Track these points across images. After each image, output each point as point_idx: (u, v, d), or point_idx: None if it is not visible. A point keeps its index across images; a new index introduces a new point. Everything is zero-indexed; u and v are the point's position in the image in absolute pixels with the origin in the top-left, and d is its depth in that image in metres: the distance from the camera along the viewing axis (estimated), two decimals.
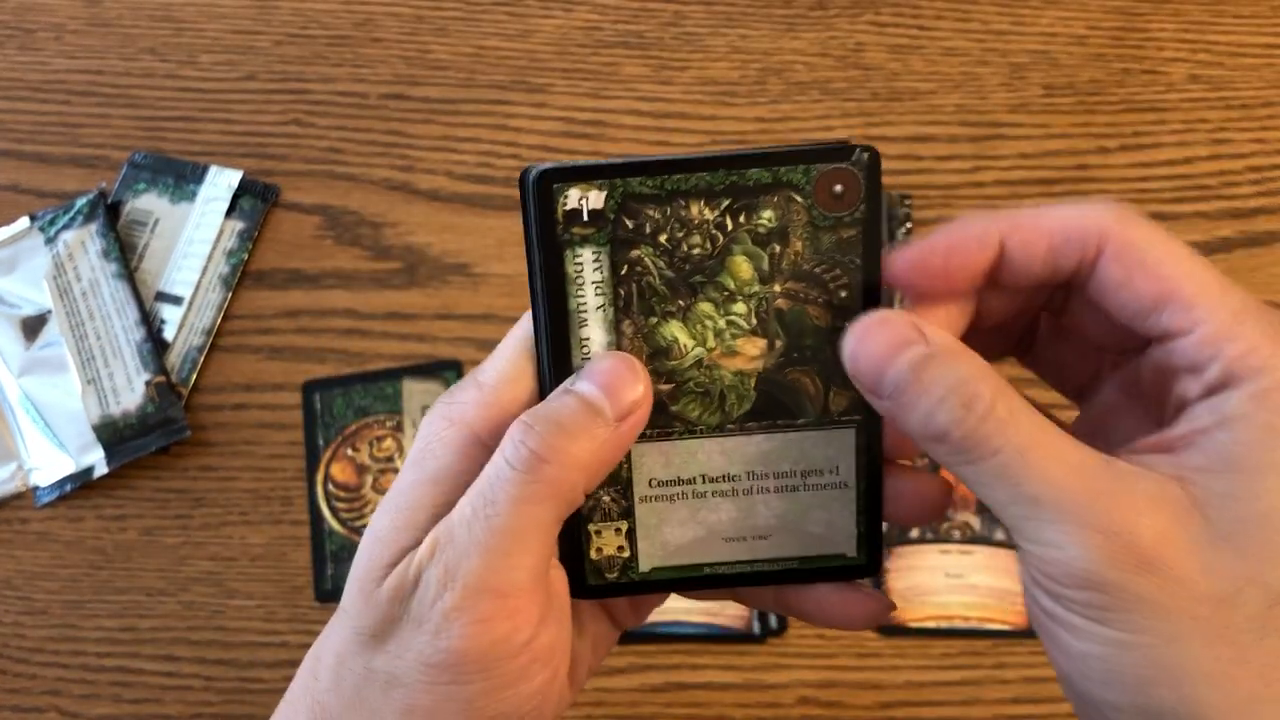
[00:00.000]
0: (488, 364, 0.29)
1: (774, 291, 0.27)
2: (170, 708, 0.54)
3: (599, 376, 0.27)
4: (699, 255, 0.27)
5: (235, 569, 0.55)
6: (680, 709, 0.53)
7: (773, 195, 0.27)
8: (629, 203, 0.27)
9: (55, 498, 0.56)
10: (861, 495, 0.29)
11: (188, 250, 0.60)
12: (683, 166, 0.26)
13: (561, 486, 0.26)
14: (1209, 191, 0.60)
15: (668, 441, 0.28)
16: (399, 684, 0.26)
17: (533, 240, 0.27)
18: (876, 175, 0.27)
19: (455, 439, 0.27)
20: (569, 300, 0.27)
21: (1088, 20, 0.62)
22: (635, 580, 0.29)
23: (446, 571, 0.25)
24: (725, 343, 0.28)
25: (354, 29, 0.63)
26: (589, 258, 0.27)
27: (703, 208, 0.27)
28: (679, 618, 0.54)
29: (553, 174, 0.26)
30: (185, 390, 0.57)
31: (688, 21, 0.63)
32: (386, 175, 0.61)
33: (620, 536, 0.29)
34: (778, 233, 0.27)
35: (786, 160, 0.26)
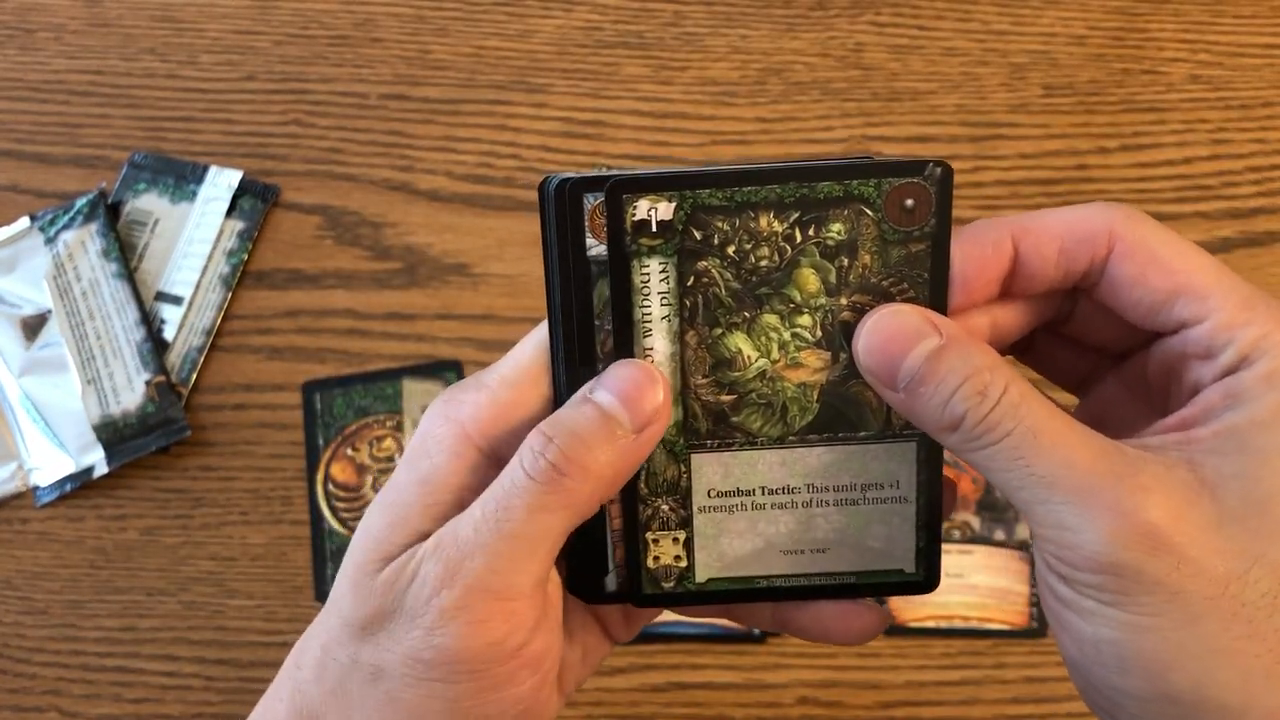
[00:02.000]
0: (497, 365, 0.28)
1: (840, 304, 0.27)
2: (170, 708, 0.54)
3: (617, 385, 0.27)
4: (766, 267, 0.27)
5: (235, 569, 0.55)
6: (680, 709, 0.53)
7: (843, 208, 0.26)
8: (698, 214, 0.26)
9: (55, 498, 0.56)
10: (922, 510, 0.29)
11: (188, 250, 0.60)
12: (753, 178, 0.26)
13: (577, 498, 0.26)
14: (1209, 191, 0.60)
15: (728, 452, 0.28)
16: (385, 677, 0.26)
17: (552, 245, 0.27)
18: (948, 190, 0.27)
19: (450, 440, 0.27)
20: (634, 310, 0.27)
21: (1088, 20, 0.62)
22: (691, 590, 0.29)
23: (447, 569, 0.25)
24: (789, 355, 0.28)
25: (354, 29, 0.63)
26: (655, 268, 0.27)
27: (772, 220, 0.27)
28: (679, 618, 0.54)
29: (623, 184, 0.26)
30: (185, 390, 0.57)
31: (688, 21, 0.63)
32: (386, 175, 0.61)
33: (678, 546, 0.29)
34: (846, 246, 0.27)
35: (858, 174, 0.26)
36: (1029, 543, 0.55)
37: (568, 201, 0.27)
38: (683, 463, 0.28)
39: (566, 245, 0.27)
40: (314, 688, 0.27)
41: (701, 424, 0.28)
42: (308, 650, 0.28)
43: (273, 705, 0.28)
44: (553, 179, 0.27)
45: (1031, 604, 0.54)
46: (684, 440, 0.28)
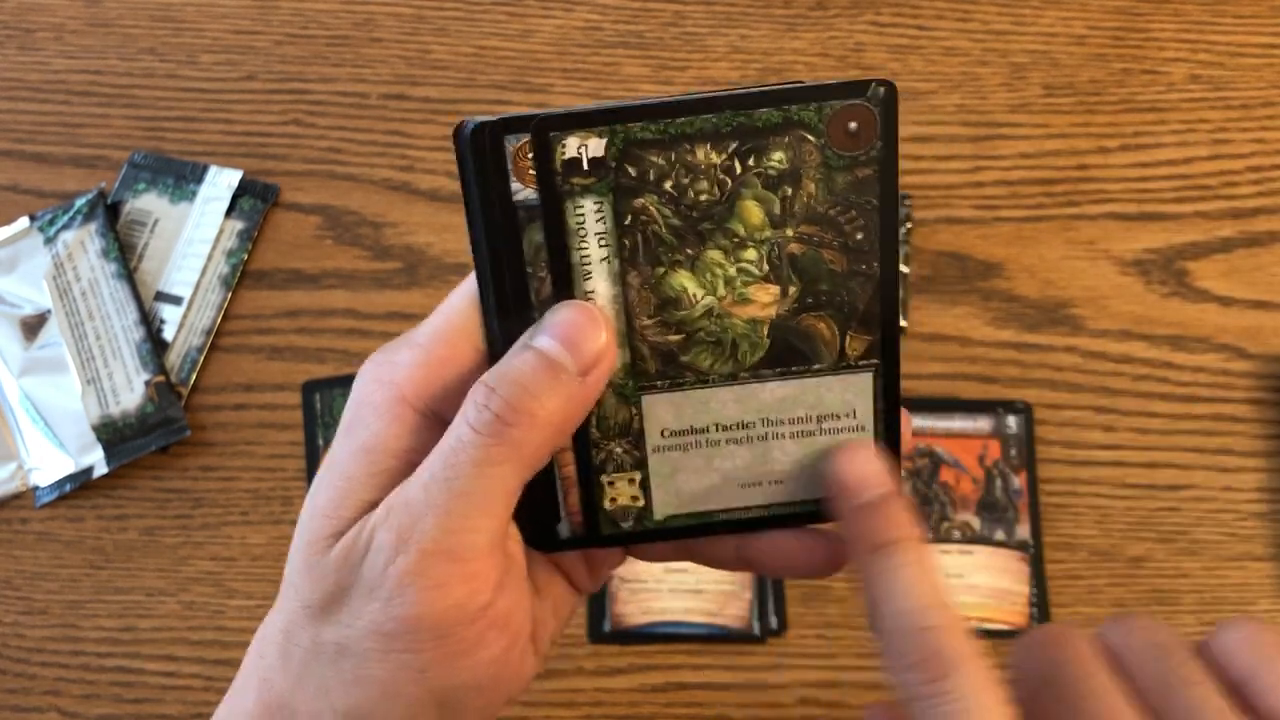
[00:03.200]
0: (425, 323, 0.27)
1: (786, 236, 0.26)
2: (170, 708, 0.54)
3: (558, 329, 0.26)
4: (706, 201, 0.26)
5: (235, 569, 0.55)
6: (680, 709, 0.53)
7: (783, 136, 0.25)
8: (631, 149, 0.25)
9: (55, 498, 0.56)
10: (880, 438, 0.28)
11: (187, 250, 0.60)
12: (686, 109, 0.25)
13: (526, 449, 0.25)
14: (1209, 191, 0.60)
15: (680, 392, 0.28)
16: (349, 654, 0.25)
17: (473, 193, 0.26)
18: (893, 111, 0.25)
19: (385, 402, 0.26)
20: (570, 254, 0.26)
21: (1088, 20, 0.62)
22: (650, 529, 0.29)
23: (399, 536, 0.25)
24: (736, 290, 0.27)
25: (354, 29, 0.63)
26: (590, 208, 0.26)
27: (709, 151, 0.26)
28: (679, 618, 0.54)
29: (550, 122, 0.25)
30: (185, 390, 0.57)
31: (688, 21, 0.63)
32: (386, 175, 0.61)
33: (634, 486, 0.29)
34: (789, 175, 0.26)
35: (798, 98, 0.25)
36: (1029, 543, 0.55)
37: (488, 145, 0.26)
38: (634, 404, 0.28)
39: (490, 191, 0.26)
40: (280, 675, 0.26)
41: (650, 365, 0.27)
42: (269, 638, 0.27)
43: (240, 699, 0.27)
44: (469, 122, 0.26)
45: (1032, 604, 0.54)
46: (633, 382, 0.28)
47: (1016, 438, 0.56)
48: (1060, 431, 0.56)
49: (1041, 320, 0.58)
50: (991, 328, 0.58)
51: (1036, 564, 0.54)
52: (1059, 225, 0.59)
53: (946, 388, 0.57)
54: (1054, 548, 0.55)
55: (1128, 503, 0.56)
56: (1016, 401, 0.56)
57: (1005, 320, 0.58)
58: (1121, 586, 0.55)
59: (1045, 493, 0.56)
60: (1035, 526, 0.55)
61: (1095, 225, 0.59)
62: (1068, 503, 0.56)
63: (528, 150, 0.26)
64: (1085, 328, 0.58)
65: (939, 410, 0.56)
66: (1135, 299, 0.58)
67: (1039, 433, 0.56)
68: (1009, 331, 0.58)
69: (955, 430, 0.56)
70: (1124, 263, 0.59)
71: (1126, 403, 0.57)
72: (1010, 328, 0.58)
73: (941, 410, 0.56)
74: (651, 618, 0.54)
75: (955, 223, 0.59)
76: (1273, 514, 0.55)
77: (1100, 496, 0.56)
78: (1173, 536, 0.55)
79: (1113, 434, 0.56)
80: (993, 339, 0.58)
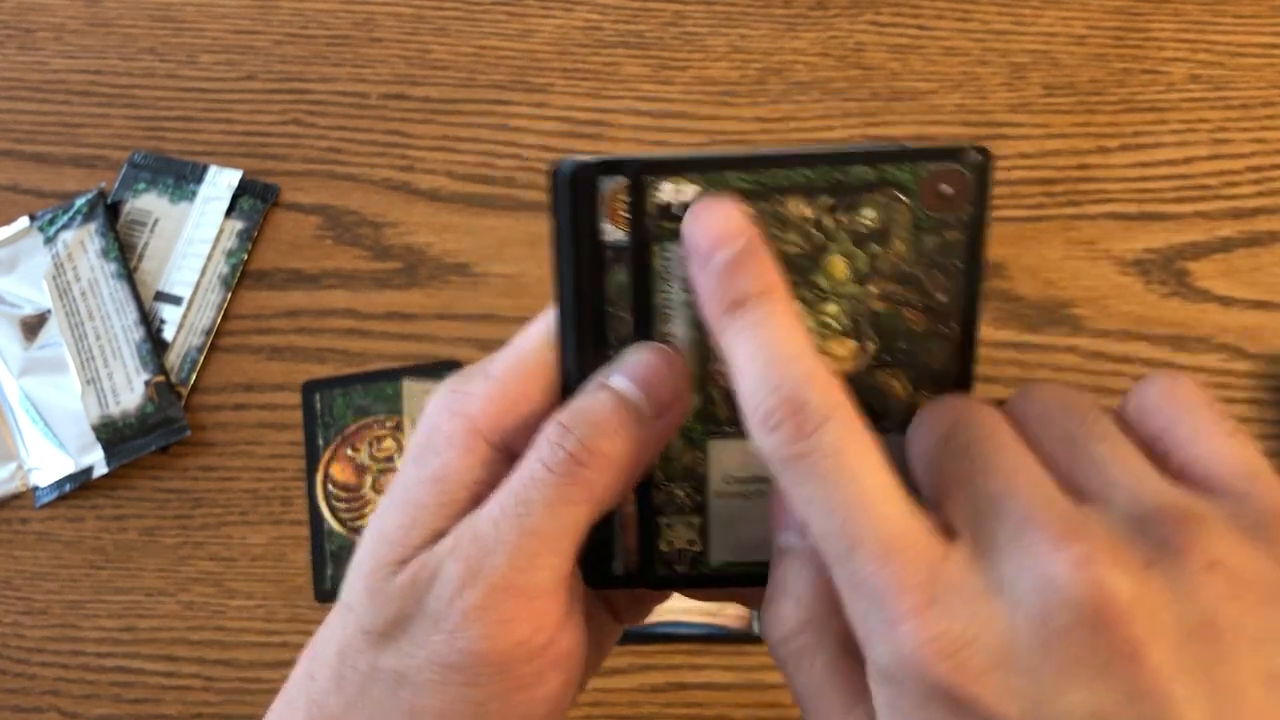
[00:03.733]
0: (500, 355, 0.27)
1: (870, 293, 0.26)
2: (170, 708, 0.54)
3: (634, 370, 0.26)
4: (794, 253, 0.26)
5: (235, 569, 0.55)
6: (680, 709, 0.53)
7: (876, 194, 0.26)
8: None
9: (55, 498, 0.56)
10: None
11: (187, 250, 0.60)
12: (783, 162, 0.25)
13: (597, 489, 0.25)
14: (1209, 191, 0.60)
15: (747, 440, 0.28)
16: (408, 683, 0.25)
17: (564, 231, 0.26)
18: (987, 177, 0.26)
19: (458, 434, 0.26)
20: (653, 296, 0.26)
21: (1088, 20, 0.62)
22: (704, 574, 0.29)
23: (469, 568, 0.25)
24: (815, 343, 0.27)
25: (354, 29, 0.63)
26: (677, 253, 0.26)
27: (801, 204, 0.26)
28: (679, 618, 0.54)
29: (648, 166, 0.25)
30: (185, 390, 0.57)
31: (688, 21, 0.63)
32: (386, 175, 0.61)
33: (692, 530, 0.28)
34: (878, 233, 0.26)
35: (894, 159, 0.25)
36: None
37: (584, 185, 0.26)
38: (700, 449, 0.28)
39: (580, 230, 0.26)
40: (333, 698, 0.26)
41: (721, 410, 0.27)
42: (321, 658, 0.27)
43: (288, 716, 0.27)
44: (566, 162, 0.26)
45: None
46: (702, 426, 0.28)
47: None
48: None
49: (1042, 320, 0.58)
50: (992, 328, 0.58)
51: None
52: (1059, 225, 0.59)
53: None
54: None
55: None
56: None
57: (1005, 320, 0.58)
58: None
59: None
60: None
61: (1095, 225, 0.59)
62: None
63: (622, 193, 0.26)
64: (1086, 328, 0.58)
65: None
66: (1135, 299, 0.58)
67: None
68: (1009, 331, 0.58)
69: None
70: (1124, 263, 0.59)
71: None
72: (1010, 328, 0.58)
73: None
74: (651, 617, 0.54)
75: None
76: None
77: None
78: None
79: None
80: (993, 339, 0.57)
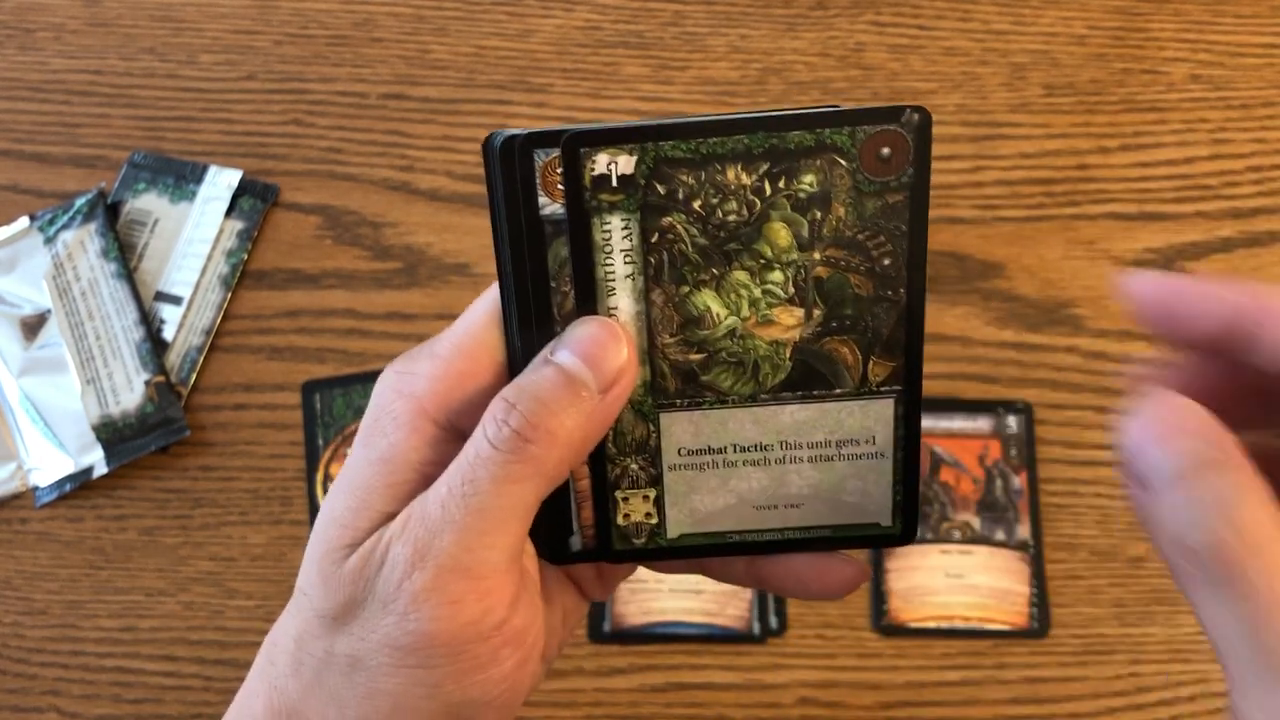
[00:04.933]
0: (445, 334, 0.27)
1: (814, 259, 0.26)
2: (170, 708, 0.54)
3: (579, 345, 0.26)
4: (735, 222, 0.26)
5: (235, 569, 0.55)
6: (680, 709, 0.53)
7: (815, 159, 0.25)
8: (661, 167, 0.25)
9: (55, 498, 0.56)
10: (899, 465, 0.28)
11: (187, 250, 0.59)
12: (719, 129, 0.25)
13: (545, 465, 0.25)
14: (1209, 191, 0.60)
15: (698, 411, 0.28)
16: (362, 667, 0.25)
17: (500, 205, 0.26)
18: (927, 137, 0.25)
19: (405, 414, 0.26)
20: (595, 269, 0.26)
21: (1088, 20, 0.62)
22: (663, 546, 0.29)
23: (417, 550, 0.24)
24: (760, 312, 0.27)
25: (354, 29, 0.63)
26: (618, 225, 0.26)
27: (740, 172, 0.25)
28: (679, 618, 0.54)
29: (581, 138, 0.25)
30: (185, 390, 0.57)
31: (688, 21, 0.63)
32: (386, 175, 0.61)
33: (648, 504, 0.28)
34: (819, 198, 0.26)
35: (831, 122, 0.25)
36: (1029, 543, 0.55)
37: (517, 158, 0.25)
38: (651, 422, 0.28)
39: (517, 204, 0.26)
40: (291, 683, 0.26)
41: (670, 383, 0.27)
42: (280, 645, 0.27)
43: (248, 704, 0.27)
44: (498, 135, 0.26)
45: (1032, 604, 0.54)
46: (652, 400, 0.27)
47: (1017, 438, 0.56)
48: (1061, 431, 0.56)
49: (1042, 320, 0.58)
50: (992, 328, 0.58)
51: (1037, 564, 0.54)
52: (1059, 225, 0.59)
53: (947, 388, 0.57)
54: (1054, 548, 0.55)
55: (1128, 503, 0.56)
56: (1017, 401, 0.56)
57: (1006, 320, 0.58)
58: (1122, 587, 0.55)
59: (1046, 493, 0.56)
60: (1035, 526, 0.55)
61: (1095, 225, 0.59)
62: (1068, 503, 0.56)
63: (557, 165, 0.26)
64: (1086, 328, 0.58)
65: (939, 410, 0.56)
66: None
67: (1039, 433, 0.56)
68: (1009, 331, 0.58)
69: (956, 430, 0.56)
70: (1124, 263, 0.58)
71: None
72: (1011, 328, 0.58)
73: (942, 410, 0.56)
74: (651, 618, 0.54)
75: (955, 223, 0.59)
76: None
77: (1101, 496, 0.56)
78: None
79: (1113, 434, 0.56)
80: (993, 339, 0.57)
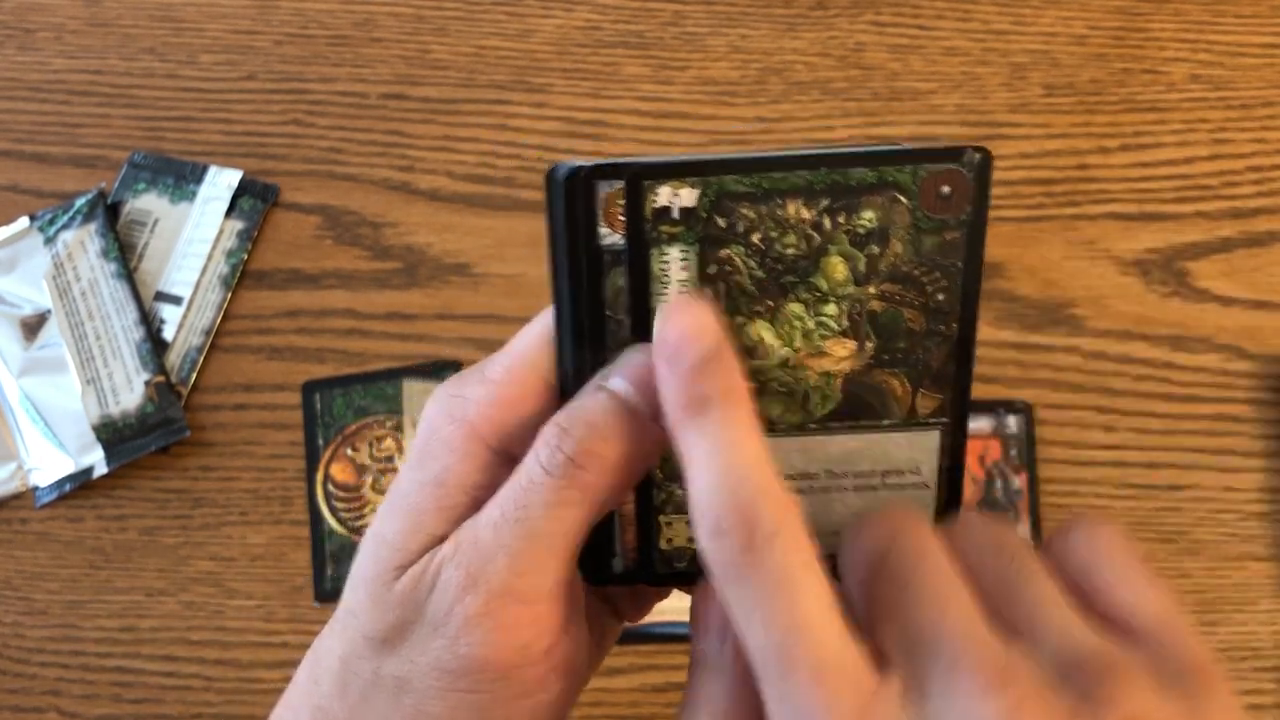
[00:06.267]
0: (497, 358, 0.27)
1: (869, 294, 0.26)
2: (170, 708, 0.54)
3: (632, 372, 0.26)
4: (792, 255, 0.26)
5: (235, 569, 0.55)
6: None
7: (875, 195, 0.26)
8: (723, 201, 0.26)
9: (55, 498, 0.56)
10: (941, 498, 0.28)
11: (187, 250, 0.59)
12: (782, 165, 0.25)
13: (597, 492, 0.25)
14: (1210, 191, 0.60)
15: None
16: (410, 689, 0.25)
17: (560, 234, 0.26)
18: (986, 178, 0.26)
19: (457, 438, 0.26)
20: (651, 299, 0.26)
21: (1088, 20, 0.62)
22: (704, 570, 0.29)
23: (469, 575, 0.24)
24: (813, 343, 0.27)
25: (354, 29, 0.63)
26: (676, 256, 0.26)
27: (800, 207, 0.26)
28: (679, 618, 0.54)
29: (645, 171, 0.26)
30: (185, 390, 0.57)
31: (688, 21, 0.63)
32: (386, 175, 0.61)
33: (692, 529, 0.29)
34: (878, 234, 0.26)
35: (893, 160, 0.26)
36: (1029, 543, 0.54)
37: (580, 190, 0.26)
38: None
39: (577, 235, 0.26)
40: (337, 704, 0.26)
41: None
42: (325, 664, 0.27)
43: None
44: (561, 166, 0.26)
45: None
46: None
47: (1017, 438, 0.56)
48: (1061, 432, 0.56)
49: (1042, 320, 0.58)
50: (992, 328, 0.58)
51: None
52: (1059, 225, 0.59)
53: None
54: None
55: (1128, 503, 0.56)
56: (1017, 401, 0.56)
57: (1006, 320, 0.58)
58: None
59: (1046, 493, 0.56)
60: (1035, 527, 0.55)
61: (1096, 225, 0.59)
62: (1068, 503, 0.56)
63: (619, 197, 0.26)
64: (1086, 328, 0.58)
65: None
66: (1136, 299, 0.58)
67: (1039, 433, 0.56)
68: (1009, 331, 0.58)
69: None
70: (1124, 263, 0.58)
71: (1127, 403, 0.57)
72: (1011, 328, 0.58)
73: None
74: (651, 618, 0.54)
75: None
76: (1273, 514, 0.55)
77: (1101, 497, 0.56)
78: (1173, 536, 0.55)
79: (1113, 434, 0.56)
80: (993, 339, 0.57)
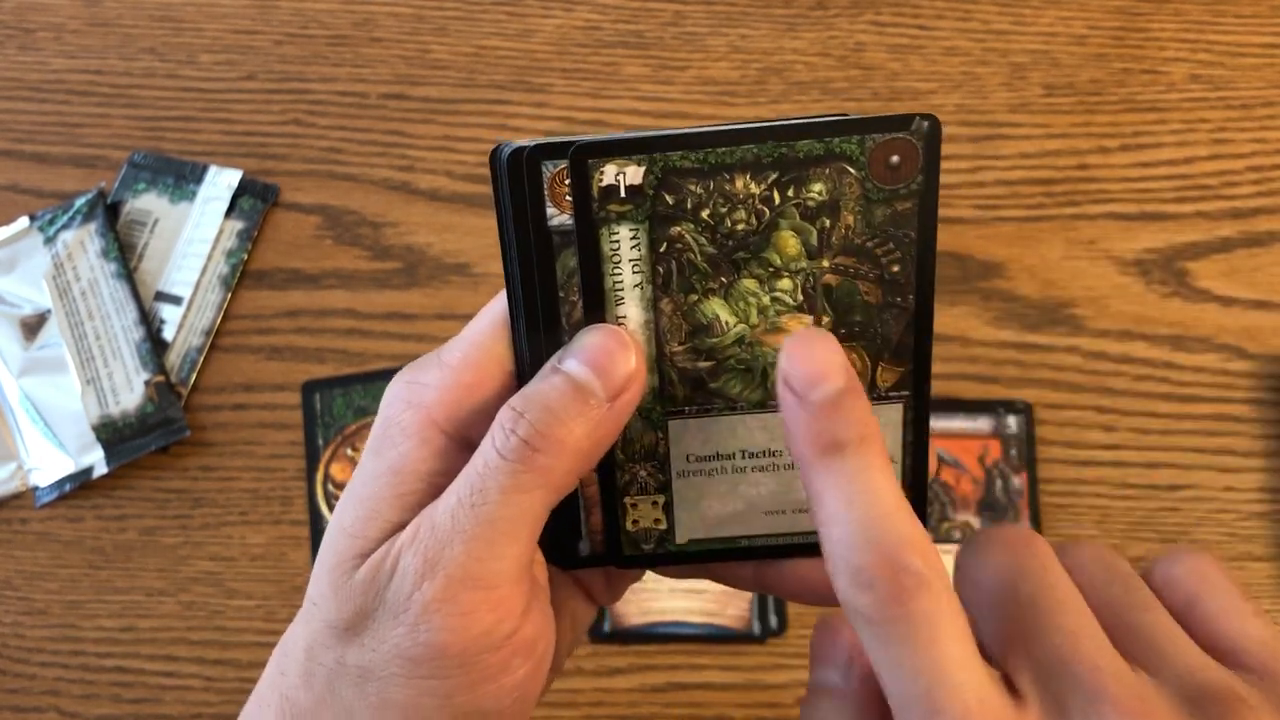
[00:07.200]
0: (453, 343, 0.27)
1: (822, 267, 0.26)
2: (170, 708, 0.54)
3: (587, 353, 0.26)
4: (743, 230, 0.26)
5: (235, 569, 0.55)
6: (680, 709, 0.53)
7: (824, 167, 0.25)
8: (669, 177, 0.25)
9: (55, 498, 0.56)
10: (907, 470, 0.28)
11: (187, 250, 0.59)
12: (727, 138, 0.25)
13: (554, 474, 0.25)
14: (1209, 191, 0.60)
15: (707, 418, 0.28)
16: (373, 678, 0.25)
17: (508, 217, 0.26)
18: (936, 145, 0.25)
19: (414, 424, 0.26)
20: (603, 279, 0.26)
21: (1088, 20, 0.62)
22: (672, 551, 0.29)
23: (426, 561, 0.24)
24: (769, 319, 0.27)
25: (354, 29, 0.63)
26: (626, 235, 0.26)
27: (748, 181, 0.25)
28: (679, 618, 0.54)
29: (588, 149, 0.25)
30: (185, 390, 0.57)
31: (688, 21, 0.63)
32: (386, 175, 0.61)
33: (657, 510, 0.28)
34: (828, 206, 0.26)
35: (840, 130, 0.25)
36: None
37: (525, 170, 0.25)
38: (660, 429, 0.28)
39: (525, 216, 0.26)
40: (302, 694, 0.26)
41: (679, 390, 0.27)
42: (291, 655, 0.27)
43: (260, 715, 0.27)
44: (505, 147, 0.26)
45: None
46: (661, 407, 0.27)
47: (1017, 438, 0.56)
48: (1061, 431, 0.56)
49: (1042, 320, 0.58)
50: (992, 328, 0.58)
51: None
52: (1059, 225, 0.59)
53: (947, 388, 0.57)
54: None
55: (1128, 503, 0.56)
56: (1017, 401, 0.56)
57: (1006, 320, 0.58)
58: None
59: (1046, 493, 0.56)
60: (1035, 526, 0.55)
61: (1095, 225, 0.59)
62: (1068, 503, 0.56)
63: (564, 176, 0.26)
64: (1086, 328, 0.58)
65: (939, 410, 0.56)
66: (1135, 299, 0.58)
67: (1039, 433, 0.56)
68: (1009, 331, 0.58)
69: (955, 430, 0.56)
70: (1124, 263, 0.58)
71: (1127, 403, 0.57)
72: (1011, 328, 0.58)
73: (942, 410, 0.56)
74: (651, 618, 0.54)
75: (955, 222, 0.59)
76: (1273, 514, 0.55)
77: (1101, 497, 0.56)
78: (1173, 536, 0.55)
79: (1113, 434, 0.56)
80: (993, 339, 0.57)
